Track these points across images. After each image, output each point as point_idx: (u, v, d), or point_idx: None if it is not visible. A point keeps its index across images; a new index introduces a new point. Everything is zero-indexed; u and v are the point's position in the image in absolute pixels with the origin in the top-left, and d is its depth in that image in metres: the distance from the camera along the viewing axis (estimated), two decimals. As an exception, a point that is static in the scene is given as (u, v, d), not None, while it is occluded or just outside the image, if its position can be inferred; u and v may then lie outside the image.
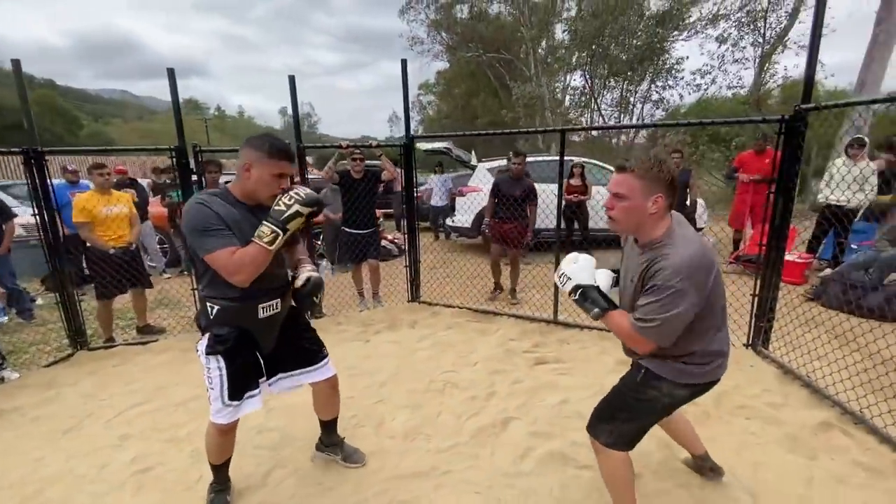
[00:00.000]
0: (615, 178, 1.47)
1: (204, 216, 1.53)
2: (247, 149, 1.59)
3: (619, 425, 1.61)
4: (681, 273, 1.33)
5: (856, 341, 3.15)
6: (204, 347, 1.71)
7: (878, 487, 1.98)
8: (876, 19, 7.91)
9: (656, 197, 1.40)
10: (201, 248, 1.53)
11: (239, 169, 1.62)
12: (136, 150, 4.11)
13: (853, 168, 4.82)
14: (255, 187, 1.61)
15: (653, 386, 1.56)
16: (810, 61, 2.77)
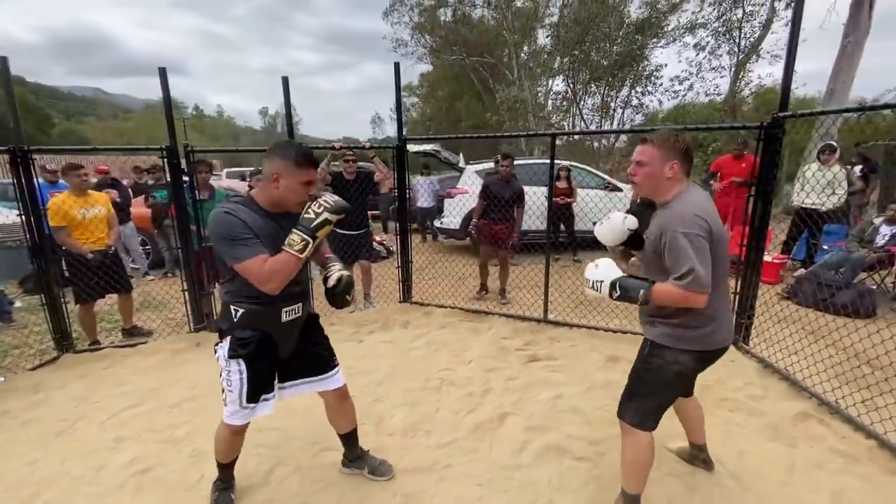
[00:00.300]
0: (638, 148, 1.68)
1: (232, 225, 1.54)
2: (274, 158, 1.59)
3: (640, 402, 1.74)
4: (684, 218, 1.52)
5: (829, 337, 3.33)
6: (226, 351, 1.71)
7: (853, 472, 2.12)
8: (844, 31, 8.31)
9: (672, 163, 1.60)
10: (231, 258, 1.54)
11: (266, 178, 1.62)
12: (125, 149, 4.04)
13: (827, 173, 5.06)
14: (284, 195, 1.61)
15: (656, 355, 1.69)
16: (787, 72, 2.93)
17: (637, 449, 1.74)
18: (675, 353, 1.65)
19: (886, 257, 4.46)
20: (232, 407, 1.75)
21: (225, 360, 1.71)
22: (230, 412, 1.77)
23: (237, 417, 1.77)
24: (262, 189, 1.65)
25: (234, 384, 1.72)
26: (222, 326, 1.74)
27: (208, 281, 3.99)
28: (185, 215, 3.78)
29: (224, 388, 1.75)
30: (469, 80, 23.00)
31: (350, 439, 2.13)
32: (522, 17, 18.57)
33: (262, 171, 1.64)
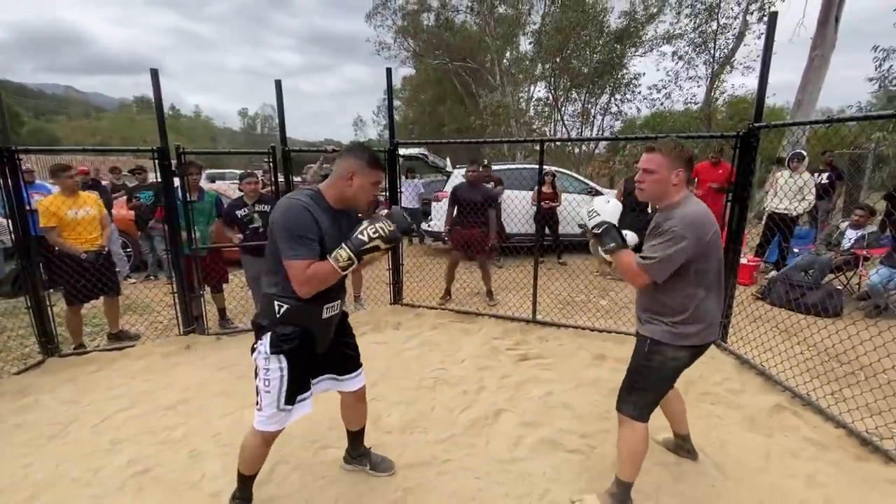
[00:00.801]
0: (645, 156, 1.76)
1: (305, 222, 1.56)
2: (350, 158, 1.66)
3: (640, 396, 1.85)
4: (684, 221, 1.63)
5: (800, 335, 3.55)
6: (267, 347, 1.67)
7: (825, 459, 2.27)
8: (811, 45, 8.75)
9: (678, 171, 1.71)
10: (287, 251, 1.54)
11: (340, 176, 1.66)
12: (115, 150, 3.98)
13: (797, 180, 5.34)
14: (356, 194, 1.67)
15: (657, 352, 1.79)
16: (761, 84, 3.12)
17: (634, 440, 1.85)
18: (674, 349, 1.77)
19: (852, 259, 4.73)
20: (268, 410, 1.71)
21: (265, 358, 1.68)
22: (265, 417, 1.72)
23: (273, 423, 1.73)
24: (333, 186, 1.68)
25: (274, 384, 1.68)
26: (262, 322, 1.70)
27: (198, 283, 3.97)
28: (174, 217, 3.76)
29: (261, 389, 1.71)
30: (452, 84, 23.18)
31: (357, 437, 2.18)
32: (505, 23, 18.86)
33: (335, 169, 1.69)
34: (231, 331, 4.18)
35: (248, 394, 2.96)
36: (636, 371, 1.87)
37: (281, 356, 1.68)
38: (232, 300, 4.67)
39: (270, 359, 1.68)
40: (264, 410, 1.72)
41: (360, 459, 2.20)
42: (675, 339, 1.76)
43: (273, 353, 1.67)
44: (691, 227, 1.62)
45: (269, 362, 1.68)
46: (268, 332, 1.68)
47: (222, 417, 2.71)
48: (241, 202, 4.05)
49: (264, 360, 1.69)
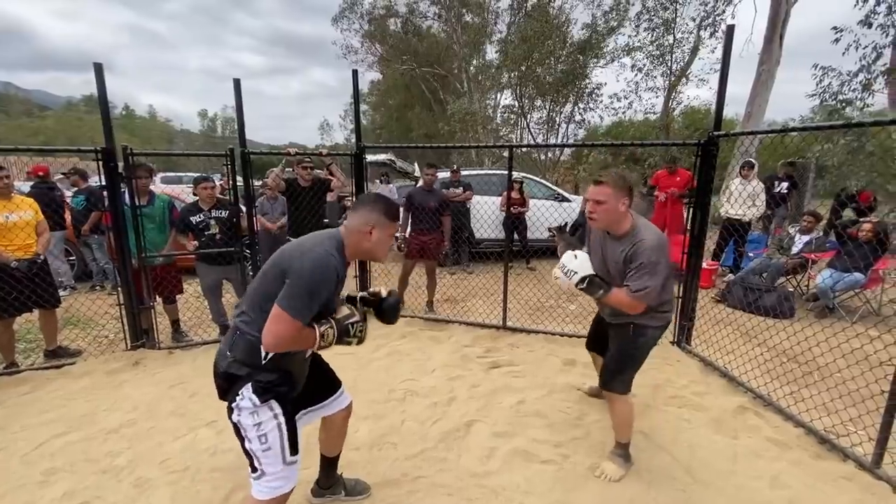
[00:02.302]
0: (593, 189, 1.99)
1: (328, 286, 1.44)
2: (369, 212, 1.57)
3: (627, 374, 2.17)
4: (657, 251, 1.90)
5: (759, 337, 3.67)
6: (253, 397, 1.45)
7: (786, 458, 2.33)
8: (759, 60, 9.28)
9: (624, 199, 1.96)
10: (290, 302, 1.37)
11: (358, 229, 1.56)
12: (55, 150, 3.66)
13: (748, 186, 5.59)
14: (374, 248, 1.60)
15: (642, 334, 2.11)
16: (720, 97, 3.22)
17: (626, 410, 2.18)
18: (653, 329, 2.12)
19: (802, 263, 4.98)
20: (273, 470, 1.49)
21: (251, 413, 1.46)
22: (272, 479, 1.49)
23: (284, 482, 1.51)
24: (351, 237, 1.57)
25: (273, 437, 1.48)
26: (239, 372, 1.47)
27: (148, 294, 3.70)
28: (121, 223, 3.49)
29: (256, 451, 1.48)
30: (420, 89, 23.16)
31: (333, 464, 1.99)
32: (471, 31, 19.05)
33: (351, 221, 1.58)
34: (185, 344, 3.92)
35: (203, 413, 2.77)
36: (626, 353, 2.15)
37: (272, 402, 1.48)
38: (186, 311, 4.40)
39: (259, 410, 1.46)
40: (269, 473, 1.49)
41: (333, 489, 2.01)
42: (655, 321, 2.10)
43: (263, 403, 1.46)
44: (660, 251, 1.92)
45: (259, 415, 1.46)
46: (246, 382, 1.46)
47: (173, 441, 2.50)
48: (196, 207, 3.82)
49: (250, 414, 1.46)
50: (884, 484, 2.12)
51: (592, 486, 2.11)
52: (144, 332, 3.74)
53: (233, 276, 3.97)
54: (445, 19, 19.82)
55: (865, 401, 2.47)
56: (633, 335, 2.10)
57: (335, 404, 1.85)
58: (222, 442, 2.45)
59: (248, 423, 1.47)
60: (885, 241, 4.47)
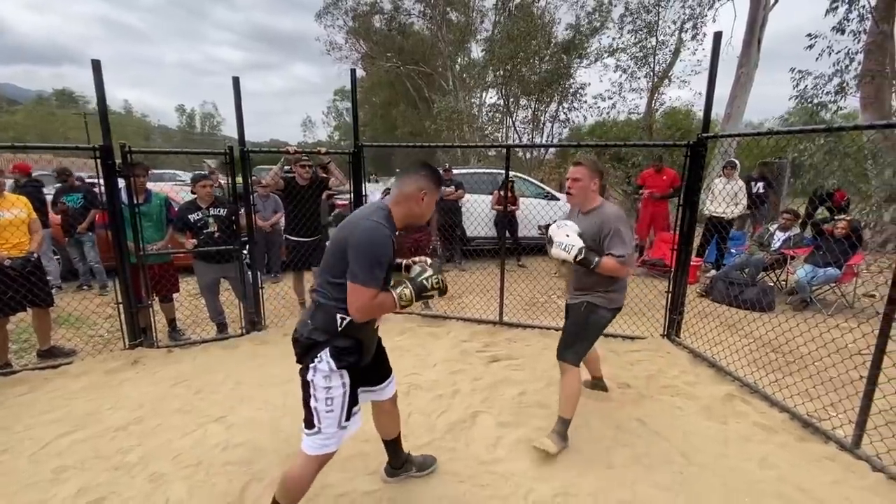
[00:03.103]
0: (573, 169, 2.35)
1: (387, 252, 1.55)
2: (420, 178, 1.69)
3: (578, 346, 2.39)
4: (615, 218, 2.24)
5: (743, 329, 3.85)
6: (329, 363, 1.59)
7: (773, 442, 2.48)
8: (738, 63, 9.58)
9: (595, 180, 2.32)
10: (360, 275, 1.50)
11: (410, 195, 1.67)
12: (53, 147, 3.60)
13: (728, 186, 5.81)
14: (424, 212, 1.73)
15: (593, 312, 2.36)
16: (708, 101, 3.38)
17: (573, 382, 2.35)
18: (603, 310, 2.36)
19: (781, 259, 5.22)
20: (329, 431, 1.63)
21: (326, 376, 1.60)
22: (324, 439, 1.63)
23: (332, 443, 1.65)
24: (401, 205, 1.67)
25: (338, 401, 1.62)
26: (318, 338, 1.61)
27: (147, 292, 3.68)
28: (120, 222, 3.47)
29: (321, 410, 1.61)
30: (405, 87, 23.13)
31: (396, 444, 2.11)
32: (456, 30, 19.11)
33: (402, 189, 1.68)
34: (183, 342, 3.91)
35: (209, 409, 2.79)
36: (576, 328, 2.39)
37: (344, 371, 1.62)
38: (182, 310, 4.38)
39: (333, 376, 1.61)
40: (323, 432, 1.63)
41: (405, 467, 2.15)
42: (607, 304, 2.35)
43: (338, 369, 1.60)
44: (621, 220, 2.25)
45: (332, 379, 1.61)
46: (325, 347, 1.60)
47: (182, 437, 2.52)
48: (195, 206, 3.81)
49: (325, 377, 1.61)
50: (863, 463, 2.28)
51: (596, 471, 2.23)
52: (142, 331, 3.72)
53: (231, 275, 3.98)
54: (430, 17, 19.83)
55: (845, 386, 2.65)
56: (585, 312, 2.36)
57: (386, 391, 1.97)
58: (232, 437, 2.49)
59: (320, 384, 1.62)
60: (859, 237, 4.72)
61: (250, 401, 2.90)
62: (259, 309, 4.09)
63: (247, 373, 3.30)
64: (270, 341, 3.90)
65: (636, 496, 2.05)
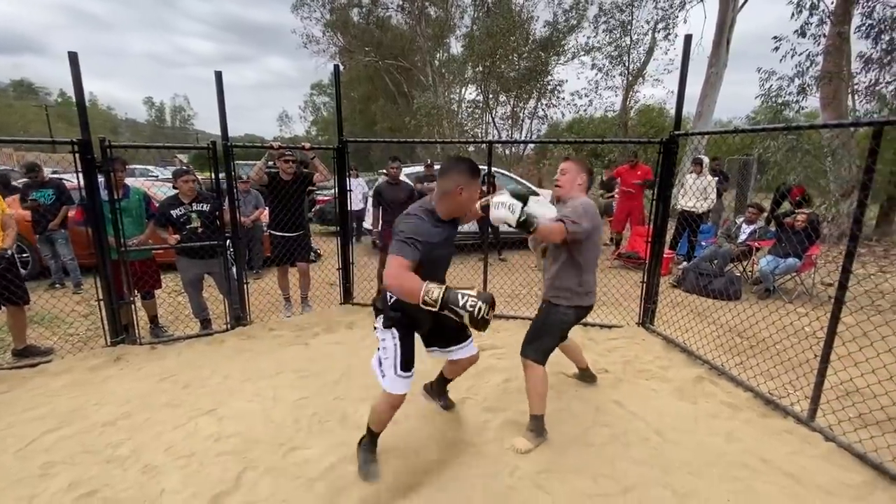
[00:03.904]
0: (563, 164, 2.48)
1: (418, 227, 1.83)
2: (457, 174, 1.88)
3: (537, 343, 2.46)
4: (583, 204, 2.32)
5: (711, 316, 4.07)
6: (382, 323, 2.04)
7: (738, 418, 2.68)
8: (708, 63, 9.95)
9: (582, 175, 2.45)
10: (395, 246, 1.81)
11: (448, 191, 1.90)
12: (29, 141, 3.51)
13: (698, 181, 6.08)
14: (465, 204, 1.93)
15: (554, 312, 2.46)
16: (679, 99, 3.55)
17: (538, 379, 2.40)
18: (565, 308, 2.44)
19: (747, 250, 5.51)
20: (390, 373, 2.02)
21: (382, 332, 2.04)
22: (390, 380, 2.02)
23: (399, 385, 2.02)
24: (443, 201, 1.94)
25: (390, 351, 2.02)
26: (379, 305, 2.07)
27: (128, 289, 3.64)
28: (99, 217, 3.42)
29: (382, 359, 2.04)
30: (384, 82, 22.98)
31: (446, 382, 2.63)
32: (435, 25, 19.10)
33: (442, 187, 1.91)
34: (166, 339, 3.88)
35: (199, 402, 2.82)
36: (539, 325, 2.50)
37: (392, 329, 2.02)
38: (165, 306, 4.33)
39: (385, 332, 2.03)
40: (387, 375, 2.04)
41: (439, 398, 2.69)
42: (567, 302, 2.43)
43: (386, 328, 2.02)
44: (586, 210, 2.29)
45: (385, 334, 2.03)
46: (380, 314, 2.05)
47: (174, 430, 2.55)
48: (177, 201, 3.79)
49: (381, 333, 2.05)
50: (817, 434, 2.49)
51: (578, 449, 2.37)
52: (124, 328, 3.68)
53: (215, 270, 3.97)
54: (409, 12, 19.75)
55: (801, 365, 2.88)
56: (546, 310, 2.49)
57: (462, 352, 2.32)
58: (224, 428, 2.53)
59: (379, 337, 2.06)
60: (817, 230, 5.03)
61: (240, 393, 2.93)
62: (244, 304, 4.09)
63: (234, 367, 3.32)
64: (256, 336, 3.91)
65: (615, 470, 2.20)
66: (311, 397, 2.86)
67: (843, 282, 2.41)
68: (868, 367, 2.45)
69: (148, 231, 3.78)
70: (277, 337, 3.88)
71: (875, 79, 8.12)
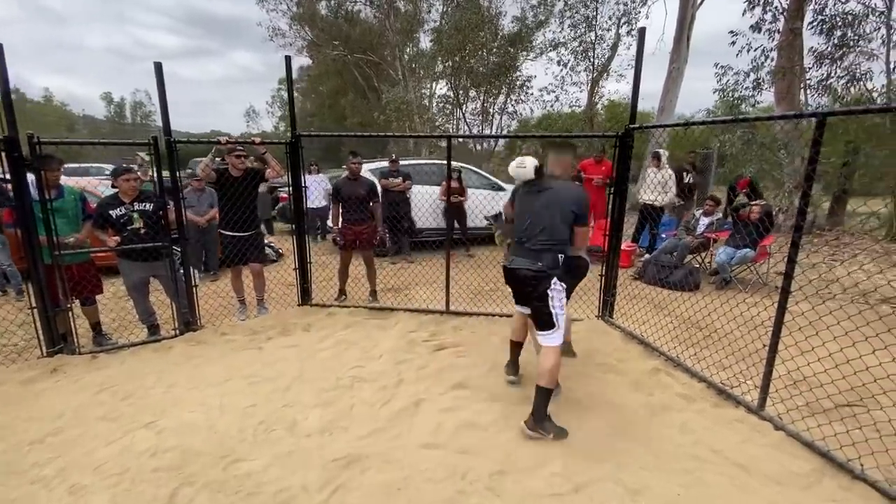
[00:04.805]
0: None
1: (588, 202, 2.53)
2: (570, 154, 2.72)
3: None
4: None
5: (668, 308, 4.13)
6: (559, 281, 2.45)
7: (692, 409, 2.71)
8: (669, 58, 10.15)
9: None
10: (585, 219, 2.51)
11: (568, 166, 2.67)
12: None
13: (658, 175, 6.18)
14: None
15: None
16: (634, 93, 3.57)
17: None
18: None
19: (705, 242, 5.63)
20: (560, 325, 2.44)
21: (559, 290, 2.45)
22: (561, 331, 2.45)
23: (563, 333, 2.49)
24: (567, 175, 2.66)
25: (564, 304, 2.49)
26: (553, 270, 2.44)
27: (64, 295, 3.41)
28: (30, 218, 3.18)
29: (558, 312, 2.44)
30: (353, 76, 22.55)
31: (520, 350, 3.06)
32: (404, 18, 18.84)
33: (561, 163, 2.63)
34: (110, 347, 3.66)
35: (138, 415, 2.66)
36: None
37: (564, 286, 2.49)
38: (108, 312, 4.09)
39: (563, 289, 2.47)
40: (559, 326, 2.45)
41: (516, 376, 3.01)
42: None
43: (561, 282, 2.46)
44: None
45: (563, 291, 2.47)
46: (555, 274, 2.44)
47: (107, 445, 2.38)
48: (117, 200, 3.57)
49: (560, 290, 2.45)
50: (767, 423, 2.54)
51: (532, 446, 2.33)
52: (62, 337, 3.45)
53: (161, 273, 3.76)
54: (378, 5, 19.42)
55: (752, 355, 2.93)
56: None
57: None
58: (162, 442, 2.38)
59: (557, 296, 2.44)
60: (770, 220, 5.18)
61: (184, 403, 2.77)
62: (193, 308, 3.90)
63: (181, 375, 3.15)
64: (207, 341, 3.74)
65: (567, 468, 2.17)
66: (259, 405, 2.74)
67: (789, 272, 2.46)
68: (816, 355, 2.49)
69: (84, 232, 3.54)
70: (230, 342, 3.72)
71: (827, 73, 8.43)
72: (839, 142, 8.19)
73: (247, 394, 2.86)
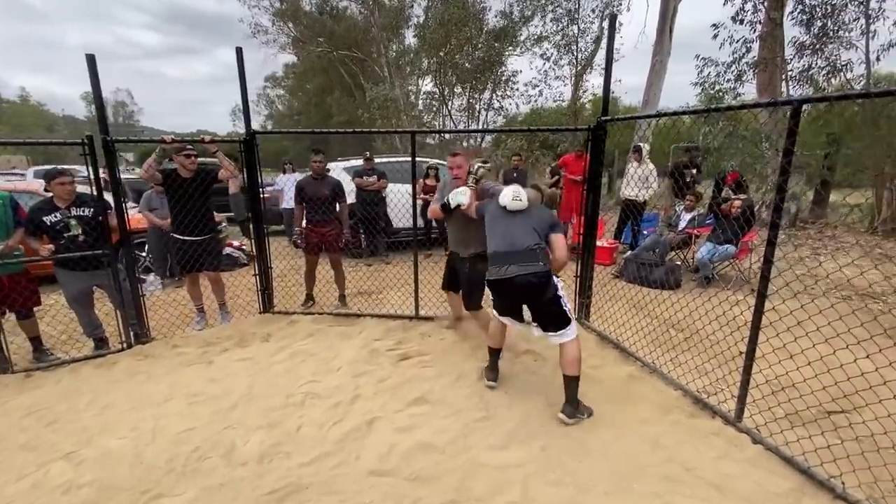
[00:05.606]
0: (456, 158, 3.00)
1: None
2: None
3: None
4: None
5: (647, 308, 3.95)
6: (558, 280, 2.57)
7: (665, 421, 2.52)
8: (653, 52, 9.98)
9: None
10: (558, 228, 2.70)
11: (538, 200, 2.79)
12: None
13: (639, 170, 6.00)
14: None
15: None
16: (606, 85, 3.37)
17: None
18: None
19: (686, 238, 5.47)
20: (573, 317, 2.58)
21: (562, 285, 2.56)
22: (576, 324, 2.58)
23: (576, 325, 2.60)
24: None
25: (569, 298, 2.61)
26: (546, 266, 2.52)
27: (-6, 310, 3.13)
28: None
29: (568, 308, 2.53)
30: (339, 73, 22.17)
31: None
32: (388, 14, 18.51)
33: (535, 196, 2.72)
34: (49, 364, 3.39)
35: (60, 443, 2.41)
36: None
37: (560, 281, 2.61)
38: (55, 325, 3.81)
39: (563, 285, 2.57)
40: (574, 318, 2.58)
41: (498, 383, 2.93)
42: None
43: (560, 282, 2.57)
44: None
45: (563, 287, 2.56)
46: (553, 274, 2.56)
47: (18, 480, 2.14)
48: (51, 205, 3.29)
49: (562, 285, 2.55)
50: (744, 436, 2.36)
51: (490, 471, 2.13)
52: (-9, 355, 3.18)
53: (104, 283, 3.50)
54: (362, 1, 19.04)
55: (734, 359, 2.74)
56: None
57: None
58: (80, 475, 2.14)
59: (563, 293, 2.52)
60: (752, 216, 5.02)
61: (115, 428, 2.53)
62: (142, 319, 3.64)
63: (119, 394, 2.90)
64: (156, 355, 3.48)
65: (525, 496, 1.97)
66: (198, 428, 2.50)
67: (765, 273, 2.27)
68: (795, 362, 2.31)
69: (14, 239, 3.25)
70: (180, 354, 3.47)
71: (808, 64, 8.32)
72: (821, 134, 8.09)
73: (185, 415, 2.62)
